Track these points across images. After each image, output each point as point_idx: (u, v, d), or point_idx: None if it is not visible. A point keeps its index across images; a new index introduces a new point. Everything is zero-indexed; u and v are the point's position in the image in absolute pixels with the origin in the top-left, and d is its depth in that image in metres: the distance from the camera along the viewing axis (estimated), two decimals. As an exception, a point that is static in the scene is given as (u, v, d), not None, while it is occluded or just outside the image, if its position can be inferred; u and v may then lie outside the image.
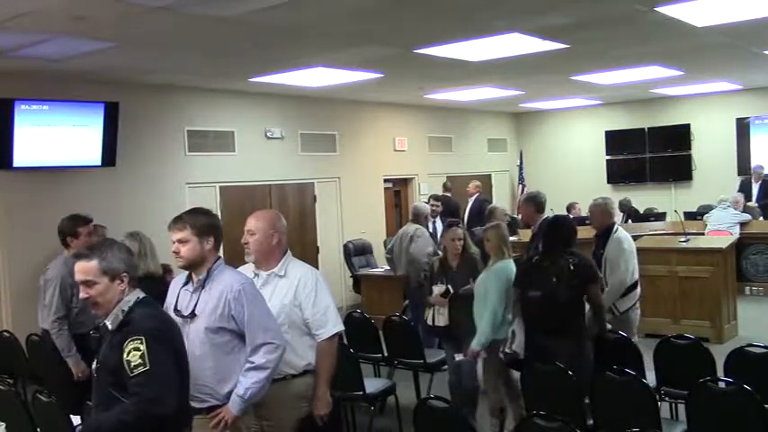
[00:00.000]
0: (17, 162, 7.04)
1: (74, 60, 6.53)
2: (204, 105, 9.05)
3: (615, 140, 13.73)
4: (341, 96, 10.38)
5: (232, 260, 3.70)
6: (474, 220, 10.09)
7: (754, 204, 10.87)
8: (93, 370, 2.91)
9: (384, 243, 9.95)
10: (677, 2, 5.72)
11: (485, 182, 12.87)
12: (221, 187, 9.15)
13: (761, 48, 8.27)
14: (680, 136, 13.04)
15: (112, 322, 2.80)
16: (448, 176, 12.47)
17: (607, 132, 13.83)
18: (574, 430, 3.15)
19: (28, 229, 7.13)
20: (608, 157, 13.83)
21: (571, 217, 7.41)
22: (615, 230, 5.68)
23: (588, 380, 4.14)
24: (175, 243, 3.27)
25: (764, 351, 4.26)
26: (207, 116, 9.07)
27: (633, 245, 5.78)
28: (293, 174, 10.13)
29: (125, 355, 2.67)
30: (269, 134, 9.80)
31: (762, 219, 10.57)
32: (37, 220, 7.00)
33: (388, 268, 8.62)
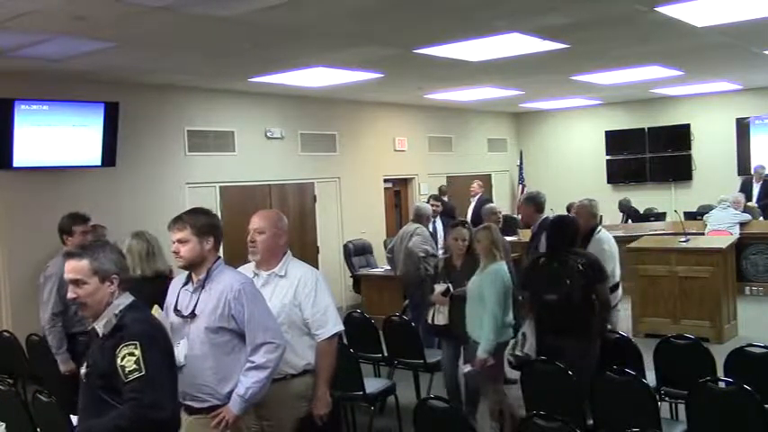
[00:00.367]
0: (17, 162, 7.03)
1: (74, 60, 6.53)
2: (204, 105, 9.05)
3: (615, 140, 13.73)
4: (341, 96, 10.37)
5: (232, 260, 3.70)
6: (477, 220, 10.08)
7: (754, 204, 10.87)
8: (82, 375, 2.84)
9: (384, 243, 9.96)
10: (677, 2, 5.72)
11: (485, 182, 12.86)
12: (221, 187, 9.15)
13: (761, 48, 8.27)
14: (680, 136, 13.05)
15: (105, 326, 2.74)
16: (448, 177, 12.48)
17: (607, 132, 13.84)
18: (574, 430, 3.15)
19: (28, 229, 7.13)
20: (608, 157, 13.83)
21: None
22: (597, 231, 5.67)
23: (589, 380, 4.13)
24: (175, 243, 3.27)
25: (764, 351, 4.26)
26: (207, 116, 9.07)
27: (615, 246, 5.79)
28: (293, 174, 10.13)
29: (119, 361, 2.63)
30: (269, 134, 9.80)
31: (762, 219, 10.57)
32: (37, 220, 6.99)
33: (389, 268, 8.61)
